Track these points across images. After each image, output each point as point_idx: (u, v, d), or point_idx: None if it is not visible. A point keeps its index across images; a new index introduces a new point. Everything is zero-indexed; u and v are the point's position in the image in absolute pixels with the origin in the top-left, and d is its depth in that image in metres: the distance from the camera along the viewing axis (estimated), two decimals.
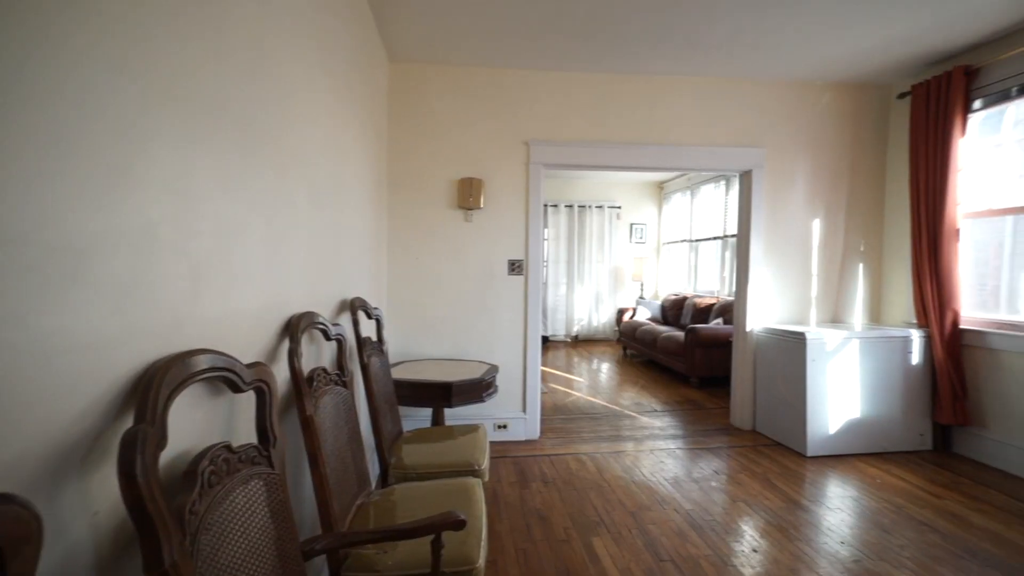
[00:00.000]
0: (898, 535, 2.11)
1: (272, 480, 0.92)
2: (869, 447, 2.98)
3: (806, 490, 2.53)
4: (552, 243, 7.35)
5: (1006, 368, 2.72)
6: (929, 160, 2.97)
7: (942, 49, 2.87)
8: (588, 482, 2.62)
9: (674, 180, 6.98)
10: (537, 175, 3.24)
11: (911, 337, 3.00)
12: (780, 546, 2.03)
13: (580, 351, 6.60)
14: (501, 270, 3.26)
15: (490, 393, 2.65)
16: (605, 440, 3.25)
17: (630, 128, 3.31)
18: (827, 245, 3.47)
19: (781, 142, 3.39)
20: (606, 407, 4.01)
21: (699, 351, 4.49)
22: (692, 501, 2.41)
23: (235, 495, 0.79)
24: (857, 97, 3.42)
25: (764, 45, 2.82)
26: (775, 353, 3.19)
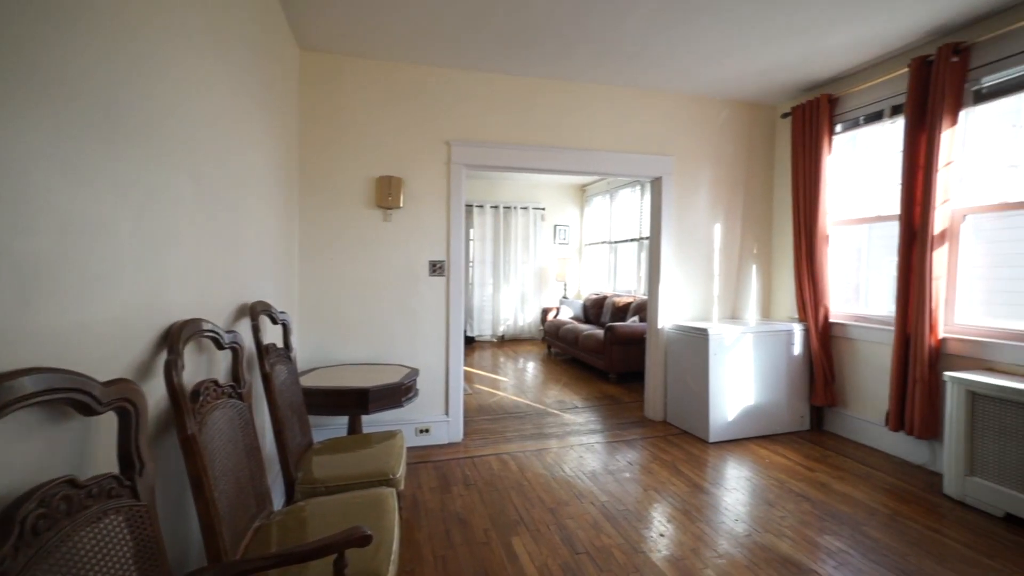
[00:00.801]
0: (780, 507, 2.36)
1: (137, 513, 0.80)
2: (761, 430, 3.31)
3: (708, 474, 2.75)
4: (478, 243, 7.35)
5: (861, 355, 3.16)
6: (805, 174, 3.36)
7: (812, 78, 3.27)
8: (510, 482, 2.64)
9: (595, 184, 7.27)
10: (459, 175, 3.21)
11: (793, 331, 3.38)
12: (684, 528, 2.18)
13: (506, 351, 6.66)
14: (422, 271, 3.19)
15: (410, 397, 2.58)
16: (528, 439, 3.30)
17: (550, 132, 3.39)
18: (726, 248, 3.80)
19: (687, 152, 3.66)
20: (530, 406, 4.08)
21: (617, 348, 4.72)
22: (608, 493, 2.51)
23: (78, 538, 0.68)
24: (750, 115, 3.79)
25: (669, 62, 3.02)
26: (683, 348, 3.43)
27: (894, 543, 2.06)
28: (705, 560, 1.95)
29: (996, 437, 2.27)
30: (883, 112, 3.01)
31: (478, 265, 7.36)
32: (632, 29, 2.62)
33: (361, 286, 3.08)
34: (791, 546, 2.04)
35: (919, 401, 2.68)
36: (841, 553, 1.99)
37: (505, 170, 3.39)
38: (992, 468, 2.28)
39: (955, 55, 2.53)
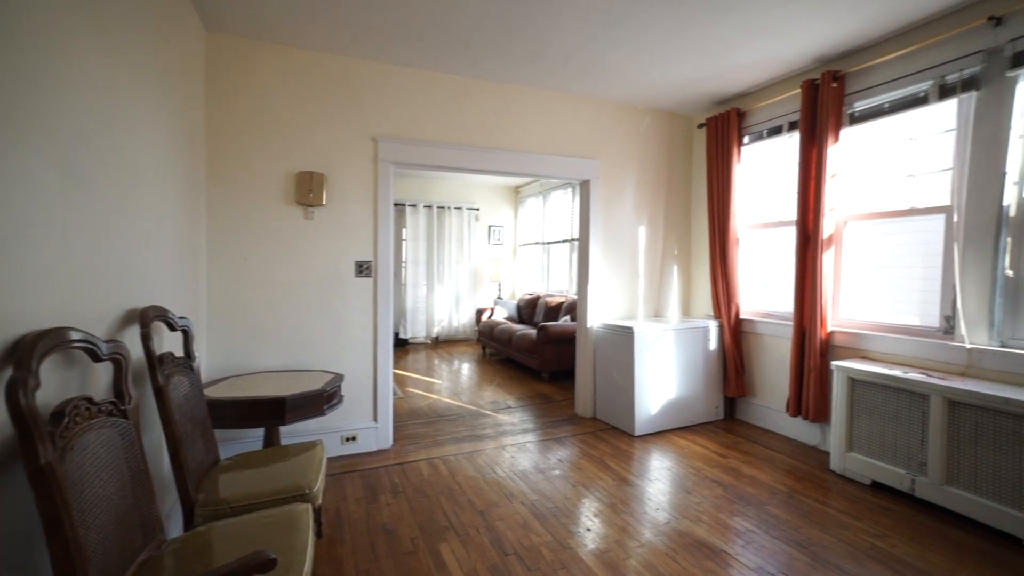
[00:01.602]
0: (696, 494, 2.51)
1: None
2: (681, 422, 3.51)
3: (633, 467, 2.87)
4: (411, 243, 7.17)
5: (767, 348, 3.46)
6: (718, 181, 3.62)
7: (723, 92, 3.53)
8: (440, 487, 2.58)
9: (528, 185, 7.37)
10: (386, 173, 3.09)
11: (709, 327, 3.62)
12: (610, 521, 2.25)
13: (440, 352, 6.55)
14: (348, 272, 3.04)
15: (333, 405, 2.44)
16: (461, 441, 3.26)
17: (483, 133, 3.37)
18: (650, 249, 4.00)
19: (614, 156, 3.80)
20: (463, 408, 4.04)
21: (549, 347, 4.81)
22: (538, 492, 2.54)
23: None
24: (670, 123, 4.01)
25: (595, 69, 3.12)
26: (610, 346, 3.56)
27: (790, 518, 2.27)
28: (628, 550, 2.02)
29: (868, 416, 2.57)
30: (782, 127, 3.32)
31: (411, 266, 7.18)
32: (559, 35, 2.67)
33: (280, 288, 2.88)
34: (706, 530, 2.18)
35: (812, 388, 2.98)
36: (748, 532, 2.16)
37: (436, 169, 3.32)
38: (864, 443, 2.59)
39: (834, 81, 2.85)
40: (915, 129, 2.70)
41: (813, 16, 2.46)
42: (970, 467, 2.19)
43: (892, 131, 2.81)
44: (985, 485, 2.14)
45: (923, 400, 2.34)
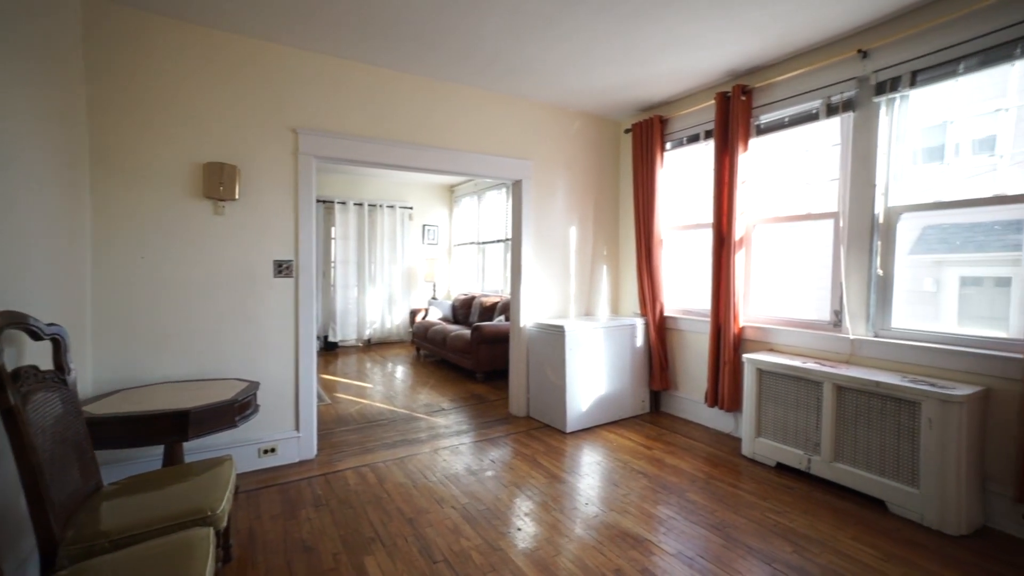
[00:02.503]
0: (623, 486, 2.61)
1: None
2: (610, 417, 3.63)
3: (564, 464, 2.92)
4: (340, 243, 6.85)
5: (688, 343, 3.68)
6: (644, 184, 3.79)
7: (647, 100, 3.70)
8: (367, 496, 2.47)
9: (463, 184, 7.31)
10: (308, 167, 2.91)
11: (636, 325, 3.78)
12: (540, 519, 2.27)
13: (373, 355, 6.32)
14: (265, 272, 2.82)
15: (247, 415, 2.25)
16: (391, 447, 3.14)
17: (415, 129, 3.28)
18: (581, 250, 4.10)
19: (546, 158, 3.85)
20: (395, 412, 3.91)
21: (483, 347, 4.79)
22: (470, 495, 2.51)
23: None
24: (599, 127, 4.14)
25: (526, 69, 3.14)
26: (543, 345, 3.61)
27: (707, 503, 2.42)
28: (558, 547, 2.05)
29: (774, 404, 2.81)
30: (699, 135, 3.54)
31: (341, 265, 6.85)
32: (490, 33, 2.66)
33: (186, 289, 2.61)
34: (631, 520, 2.26)
35: (727, 380, 3.20)
36: (670, 520, 2.27)
37: (365, 165, 3.18)
38: (770, 429, 2.83)
39: (743, 95, 3.08)
40: (810, 142, 2.98)
41: (723, 33, 2.64)
42: (851, 444, 2.45)
43: (792, 143, 3.09)
44: (861, 458, 2.41)
45: (817, 387, 2.59)
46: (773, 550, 2.02)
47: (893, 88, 2.49)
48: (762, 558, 1.97)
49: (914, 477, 2.23)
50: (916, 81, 2.42)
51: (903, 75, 2.45)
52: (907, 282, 2.60)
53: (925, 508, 2.19)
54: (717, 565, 1.93)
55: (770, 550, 2.02)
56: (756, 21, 2.51)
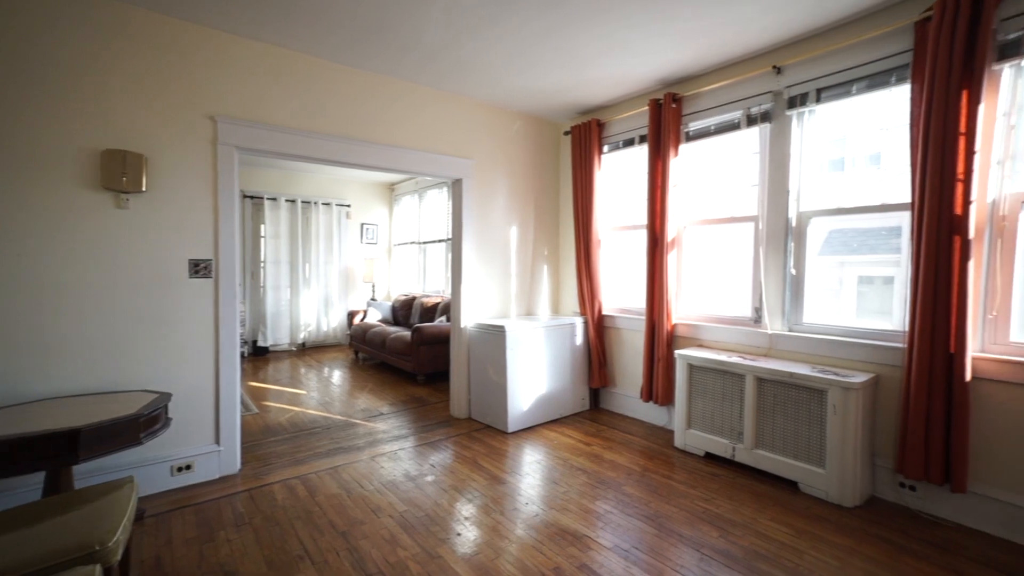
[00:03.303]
0: (563, 484, 2.64)
1: None
2: (551, 415, 3.68)
3: (506, 464, 2.91)
4: (271, 241, 6.44)
5: (625, 341, 3.81)
6: (582, 186, 3.87)
7: (585, 103, 3.79)
8: (296, 511, 2.32)
9: (404, 183, 7.12)
10: (230, 159, 2.70)
11: (576, 323, 3.86)
12: (481, 523, 2.24)
13: (307, 360, 5.99)
14: (179, 272, 2.58)
15: (155, 431, 2.04)
16: (324, 456, 2.98)
17: (350, 123, 3.13)
18: (522, 250, 4.12)
19: (486, 157, 3.83)
20: (330, 419, 3.72)
21: (424, 349, 4.69)
22: (408, 502, 2.43)
23: None
24: (539, 128, 4.18)
25: (467, 67, 3.10)
26: (484, 346, 3.58)
27: (643, 495, 2.51)
28: (498, 549, 2.03)
29: (702, 396, 2.97)
30: (635, 139, 3.67)
31: (272, 266, 6.44)
32: (429, 28, 2.59)
33: (80, 292, 2.32)
34: (571, 518, 2.29)
35: (661, 375, 3.34)
36: (607, 514, 2.32)
37: (297, 159, 2.99)
38: (700, 420, 2.99)
39: (674, 102, 3.24)
40: (734, 149, 3.18)
41: (656, 42, 2.75)
42: (770, 431, 2.64)
43: (718, 149, 3.28)
44: (778, 444, 2.60)
45: (740, 379, 2.76)
46: (702, 536, 2.13)
47: (802, 103, 2.71)
48: (692, 544, 2.06)
49: (821, 458, 2.44)
50: (821, 98, 2.65)
51: (810, 91, 2.68)
52: (816, 281, 2.84)
53: (829, 485, 2.40)
54: (651, 555, 1.99)
55: (699, 536, 2.13)
56: (685, 33, 2.64)
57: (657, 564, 1.93)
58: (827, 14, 2.46)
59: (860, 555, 1.99)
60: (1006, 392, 2.11)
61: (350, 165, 3.20)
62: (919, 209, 2.21)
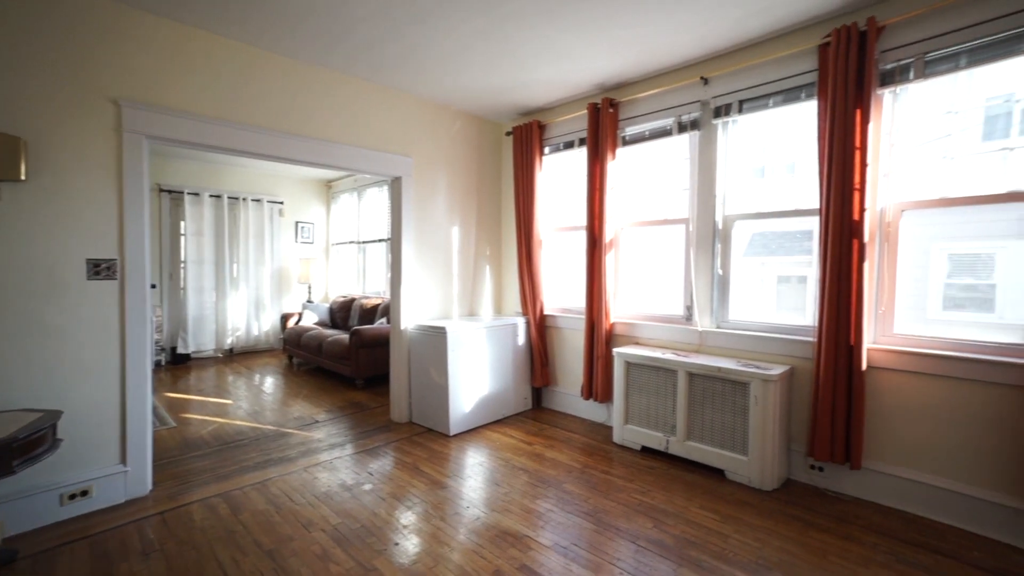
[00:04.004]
0: (505, 485, 2.63)
1: None
2: (494, 416, 3.67)
3: (447, 468, 2.86)
4: (193, 239, 5.94)
5: (566, 340, 3.88)
6: (524, 187, 3.89)
7: (527, 104, 3.82)
8: (216, 532, 2.14)
9: (342, 180, 6.84)
10: (137, 148, 2.44)
11: (518, 324, 3.87)
12: (420, 530, 2.19)
13: (236, 367, 5.59)
14: (75, 273, 2.30)
15: (35, 456, 1.81)
16: (251, 470, 2.79)
17: (280, 115, 2.95)
18: (464, 250, 4.08)
19: (426, 155, 3.75)
20: (260, 429, 3.48)
21: (363, 352, 4.52)
22: (343, 513, 2.32)
23: None
24: (481, 128, 4.16)
25: (406, 62, 3.02)
26: (425, 347, 3.50)
27: (582, 492, 2.55)
28: (438, 557, 1.98)
29: (638, 392, 3.08)
30: (574, 142, 3.74)
31: (194, 266, 5.95)
32: (363, 18, 2.49)
33: None
34: (512, 519, 2.29)
35: (600, 373, 3.43)
36: (548, 513, 2.34)
37: (219, 151, 2.76)
38: (637, 415, 3.10)
39: (611, 107, 3.33)
40: (667, 154, 3.33)
41: (593, 47, 2.81)
42: (699, 423, 2.79)
43: (653, 154, 3.41)
44: (707, 435, 2.75)
45: (673, 375, 2.89)
46: (637, 528, 2.20)
47: (726, 113, 2.88)
48: (628, 537, 2.13)
49: (744, 447, 2.60)
50: (743, 109, 2.83)
51: (733, 103, 2.85)
52: (741, 280, 3.03)
53: (752, 472, 2.57)
54: (589, 550, 2.03)
55: (635, 528, 2.20)
56: (621, 40, 2.72)
57: (595, 559, 1.97)
58: (746, 31, 2.62)
59: (776, 535, 2.14)
60: (893, 378, 2.36)
61: (280, 159, 3.01)
62: (826, 215, 2.42)
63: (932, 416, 2.28)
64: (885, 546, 2.07)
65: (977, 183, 2.24)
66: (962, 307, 2.36)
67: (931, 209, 2.31)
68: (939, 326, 2.35)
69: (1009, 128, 2.27)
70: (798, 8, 2.40)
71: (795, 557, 1.99)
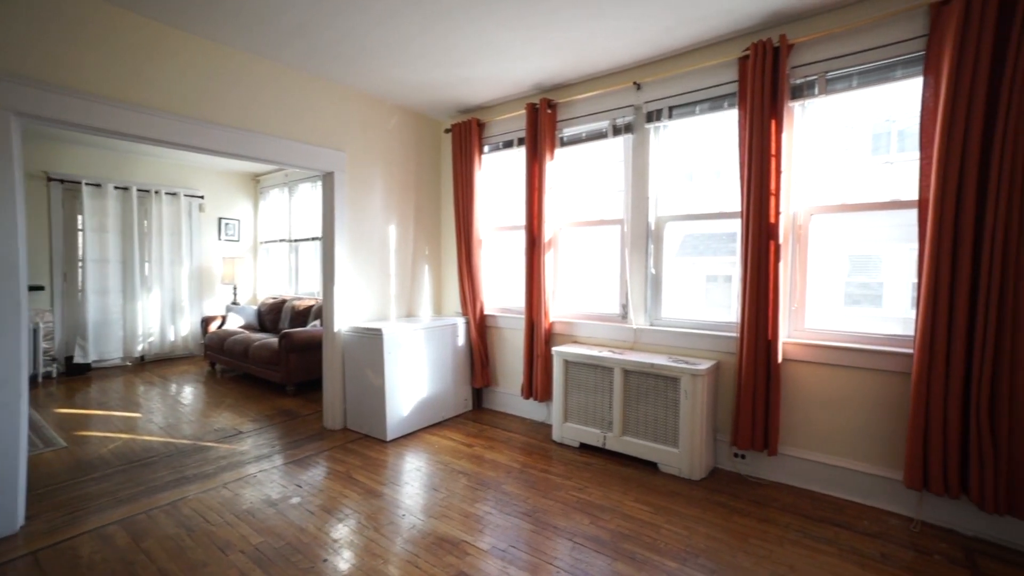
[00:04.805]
0: (443, 489, 2.57)
1: None
2: (433, 419, 3.58)
3: (383, 475, 2.75)
4: (95, 236, 5.33)
5: (506, 340, 3.87)
6: (463, 185, 3.83)
7: (466, 102, 3.76)
8: (109, 566, 1.91)
9: (271, 174, 6.42)
10: (4, 127, 2.12)
11: (458, 324, 3.81)
12: (352, 543, 2.07)
13: (148, 376, 5.08)
14: None
15: None
16: (159, 491, 2.52)
17: (196, 100, 2.69)
18: (401, 249, 3.95)
19: (361, 150, 3.59)
20: (172, 444, 3.17)
21: (294, 356, 4.26)
22: (266, 531, 2.15)
23: None
24: (419, 124, 4.05)
25: (339, 50, 2.86)
26: (360, 350, 3.35)
27: (521, 492, 2.54)
28: (370, 571, 1.89)
29: (577, 390, 3.13)
30: (513, 141, 3.73)
31: (96, 265, 5.33)
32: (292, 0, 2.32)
33: None
34: (450, 524, 2.23)
35: (540, 372, 3.45)
36: (487, 516, 2.31)
37: (116, 136, 2.46)
38: (575, 413, 3.14)
39: (549, 108, 3.36)
40: (604, 156, 3.40)
41: (528, 46, 2.81)
42: (635, 418, 2.88)
43: (590, 155, 3.48)
44: (642, 430, 2.85)
45: (609, 372, 2.96)
46: (574, 525, 2.22)
47: (658, 118, 3.00)
48: (565, 535, 2.14)
49: (676, 439, 2.71)
50: (672, 115, 2.95)
51: (664, 108, 2.97)
52: (673, 279, 3.16)
53: (682, 463, 2.68)
54: (527, 551, 2.02)
55: (572, 526, 2.21)
56: (558, 41, 2.73)
57: (533, 560, 1.96)
58: (675, 41, 2.73)
59: (704, 522, 2.25)
60: (805, 370, 2.56)
61: (195, 149, 2.75)
62: (746, 217, 2.57)
63: (835, 403, 2.49)
64: (796, 524, 2.23)
65: (868, 192, 2.48)
66: (859, 303, 2.61)
67: (834, 214, 2.52)
68: (842, 321, 2.58)
69: (890, 145, 2.55)
70: (722, 21, 2.53)
71: (719, 543, 2.09)
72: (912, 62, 2.24)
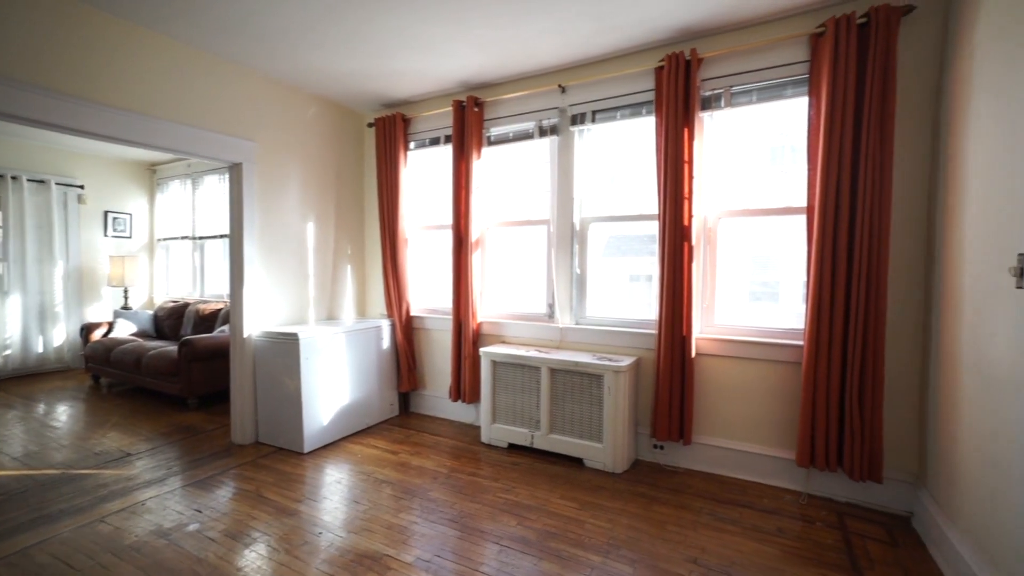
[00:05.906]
0: (365, 502, 2.43)
1: None
2: (356, 426, 3.40)
3: (298, 491, 2.55)
4: None
5: (434, 342, 3.77)
6: (388, 182, 3.68)
7: (390, 96, 3.62)
8: None
9: (170, 164, 5.78)
10: None
11: (383, 326, 3.65)
12: (260, 570, 1.89)
13: (6, 396, 4.33)
14: None
15: None
16: (19, 532, 2.14)
17: (65, 73, 2.32)
18: (321, 248, 3.71)
19: (273, 141, 3.32)
20: (35, 476, 2.72)
21: (196, 366, 3.85)
22: (153, 567, 1.90)
23: None
24: (340, 117, 3.83)
25: (245, 31, 2.61)
26: (273, 357, 3.09)
27: (448, 498, 2.48)
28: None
29: (504, 390, 3.12)
30: (440, 139, 3.65)
31: None
32: None
33: None
34: (372, 538, 2.11)
35: (468, 374, 3.40)
36: (412, 526, 2.21)
37: None
38: (503, 414, 3.13)
39: (476, 106, 3.32)
40: (530, 157, 3.42)
41: (453, 42, 2.75)
42: (561, 416, 2.92)
43: (517, 155, 3.48)
44: (568, 427, 2.90)
45: (536, 371, 2.98)
46: (501, 527, 2.20)
47: (582, 121, 3.07)
48: (492, 538, 2.11)
49: (600, 435, 2.79)
50: (595, 119, 3.03)
51: (587, 112, 3.05)
52: (598, 279, 3.25)
53: (606, 457, 2.77)
54: (454, 559, 1.96)
55: (499, 528, 2.19)
56: (483, 39, 2.70)
57: (459, 567, 1.91)
58: (597, 47, 2.81)
59: (626, 513, 2.33)
60: (714, 363, 2.74)
61: (65, 130, 2.38)
62: (663, 220, 2.70)
63: (740, 392, 2.69)
64: (708, 508, 2.38)
65: (768, 198, 2.72)
66: (760, 299, 2.84)
67: (739, 218, 2.73)
68: (746, 317, 2.79)
69: (784, 156, 2.81)
70: (638, 32, 2.64)
71: (640, 532, 2.17)
72: (799, 83, 2.48)
